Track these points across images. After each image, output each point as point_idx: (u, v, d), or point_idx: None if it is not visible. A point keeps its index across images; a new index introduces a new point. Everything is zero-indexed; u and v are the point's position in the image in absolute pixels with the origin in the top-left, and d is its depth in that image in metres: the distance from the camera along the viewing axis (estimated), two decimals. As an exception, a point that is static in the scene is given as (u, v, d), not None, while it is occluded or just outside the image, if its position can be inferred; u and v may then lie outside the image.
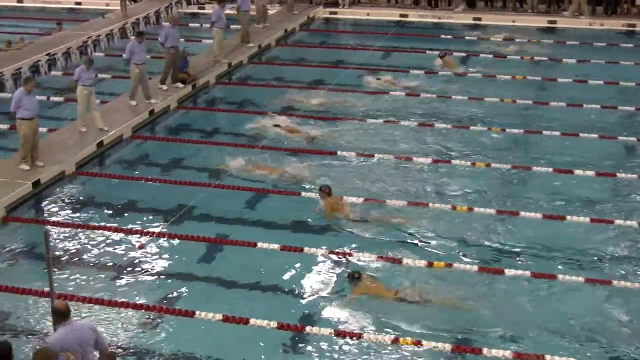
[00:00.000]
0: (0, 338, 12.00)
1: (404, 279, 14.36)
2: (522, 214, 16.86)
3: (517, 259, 15.30)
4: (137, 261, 15.32)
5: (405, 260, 15.08)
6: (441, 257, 15.29)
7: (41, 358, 9.43)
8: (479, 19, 33.31)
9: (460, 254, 15.44)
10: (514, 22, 32.80)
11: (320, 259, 15.34)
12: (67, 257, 15.44)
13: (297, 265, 15.11)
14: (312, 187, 17.97)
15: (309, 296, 14.18)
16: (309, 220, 16.88)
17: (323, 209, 16.80)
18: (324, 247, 15.64)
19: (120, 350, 12.47)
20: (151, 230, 16.36)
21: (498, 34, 30.75)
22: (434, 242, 15.84)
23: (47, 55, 27.05)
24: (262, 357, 12.61)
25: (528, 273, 14.67)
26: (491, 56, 28.35)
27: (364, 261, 15.13)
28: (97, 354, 10.18)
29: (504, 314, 13.58)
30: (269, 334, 13.10)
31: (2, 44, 28.82)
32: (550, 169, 18.97)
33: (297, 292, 14.29)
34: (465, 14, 33.78)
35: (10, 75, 25.07)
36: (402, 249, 15.54)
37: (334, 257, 15.37)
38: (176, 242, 16.04)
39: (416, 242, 15.86)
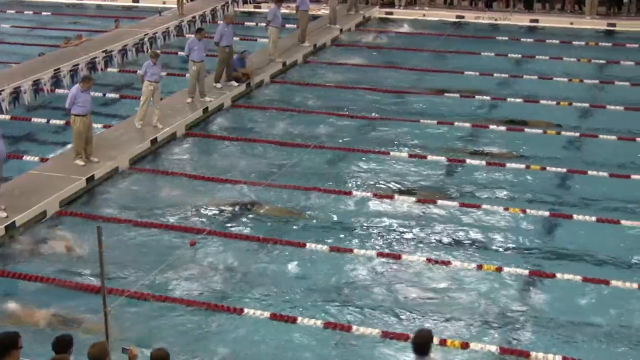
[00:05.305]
0: (52, 331, 12.18)
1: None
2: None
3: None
4: (187, 258, 15.39)
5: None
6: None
7: (97, 350, 9.47)
8: (536, 21, 32.99)
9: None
10: (571, 24, 32.48)
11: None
12: (118, 252, 15.53)
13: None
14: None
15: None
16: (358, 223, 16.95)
17: None
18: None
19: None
20: (202, 227, 16.43)
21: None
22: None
23: (103, 52, 27.31)
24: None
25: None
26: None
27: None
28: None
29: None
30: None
31: (60, 40, 29.18)
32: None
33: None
34: (522, 16, 33.52)
35: (67, 72, 25.35)
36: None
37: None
38: (227, 240, 16.10)
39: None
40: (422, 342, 9.41)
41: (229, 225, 16.67)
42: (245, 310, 13.62)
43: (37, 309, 13.74)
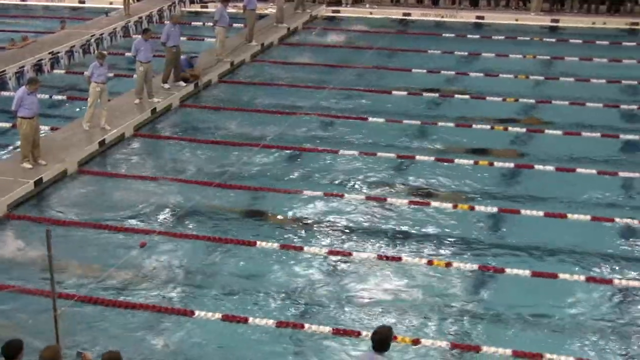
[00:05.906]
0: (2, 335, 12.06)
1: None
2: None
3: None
4: (137, 259, 15.32)
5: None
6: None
7: (50, 353, 9.42)
8: (482, 18, 33.31)
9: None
10: (516, 20, 32.85)
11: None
12: (67, 255, 15.40)
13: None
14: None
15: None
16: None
17: None
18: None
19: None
20: (152, 228, 16.37)
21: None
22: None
23: (49, 53, 27.06)
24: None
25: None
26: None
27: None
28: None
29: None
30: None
31: (5, 42, 28.83)
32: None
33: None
34: (468, 12, 33.83)
35: (12, 74, 25.07)
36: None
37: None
38: (177, 240, 16.05)
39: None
40: (381, 339, 9.51)
41: (179, 225, 16.62)
42: (197, 312, 13.59)
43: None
